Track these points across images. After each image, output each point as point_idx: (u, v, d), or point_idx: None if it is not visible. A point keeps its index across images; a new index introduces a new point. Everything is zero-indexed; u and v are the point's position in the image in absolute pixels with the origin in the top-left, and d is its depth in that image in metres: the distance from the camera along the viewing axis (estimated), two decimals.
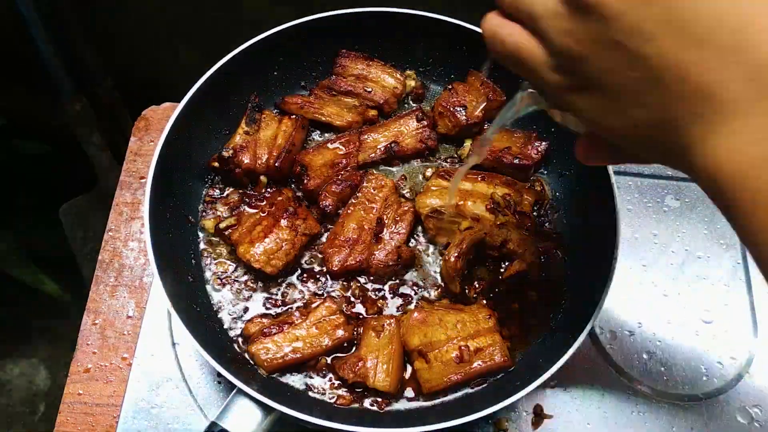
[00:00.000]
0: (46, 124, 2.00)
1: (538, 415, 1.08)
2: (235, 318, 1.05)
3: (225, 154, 1.12)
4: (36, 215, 2.05)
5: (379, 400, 1.00)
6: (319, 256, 1.11)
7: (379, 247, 1.09)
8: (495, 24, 0.60)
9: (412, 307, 1.07)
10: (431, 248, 1.13)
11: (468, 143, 1.21)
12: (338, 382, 1.01)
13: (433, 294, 1.09)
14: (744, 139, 0.47)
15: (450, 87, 1.20)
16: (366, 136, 1.19)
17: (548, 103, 0.65)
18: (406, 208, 1.13)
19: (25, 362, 2.24)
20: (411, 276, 1.10)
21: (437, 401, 1.00)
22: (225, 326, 1.05)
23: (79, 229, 1.92)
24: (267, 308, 1.06)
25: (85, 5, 1.63)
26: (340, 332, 1.02)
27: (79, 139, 1.83)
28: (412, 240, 1.14)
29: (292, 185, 1.17)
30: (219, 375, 1.08)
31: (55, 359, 2.25)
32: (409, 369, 1.02)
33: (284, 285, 1.08)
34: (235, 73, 1.15)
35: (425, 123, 1.20)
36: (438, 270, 1.11)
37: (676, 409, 1.10)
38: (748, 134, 0.46)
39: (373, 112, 1.23)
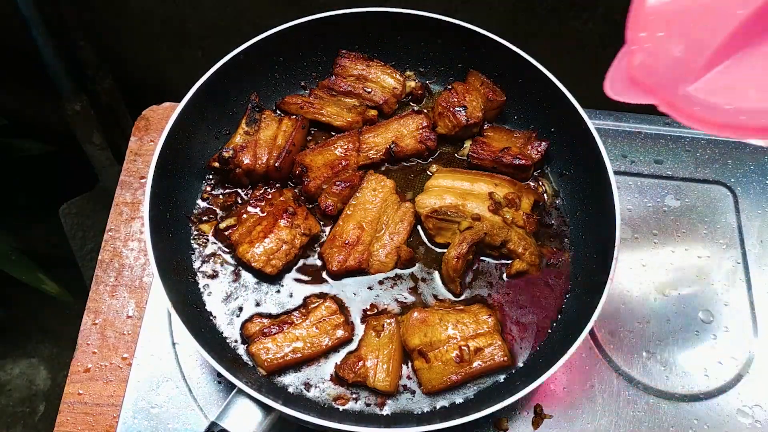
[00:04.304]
0: (46, 124, 2.00)
1: (538, 415, 1.08)
2: (234, 318, 1.05)
3: (225, 154, 1.12)
4: (36, 215, 2.05)
5: (379, 399, 1.00)
6: (319, 255, 1.11)
7: (379, 247, 1.09)
8: None
9: (412, 306, 1.07)
10: (431, 248, 1.13)
11: (468, 143, 1.21)
12: (338, 381, 1.01)
13: (432, 294, 1.09)
14: None
15: (450, 87, 1.20)
16: (366, 137, 1.19)
17: None
18: (406, 209, 1.13)
19: (25, 362, 2.24)
20: (410, 276, 1.10)
21: (437, 401, 1.00)
22: (225, 326, 1.05)
23: (79, 229, 1.92)
24: (267, 308, 1.06)
25: (85, 5, 1.63)
26: (340, 332, 1.02)
27: (79, 139, 1.83)
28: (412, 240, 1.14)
29: (293, 185, 1.17)
30: (219, 375, 1.08)
31: (55, 359, 2.25)
32: (409, 368, 1.02)
33: (284, 285, 1.08)
34: (235, 73, 1.15)
35: (425, 123, 1.20)
36: (438, 270, 1.11)
37: (676, 409, 1.10)
38: None
39: (373, 112, 1.23)
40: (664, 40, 0.61)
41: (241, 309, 1.06)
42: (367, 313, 1.07)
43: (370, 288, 1.09)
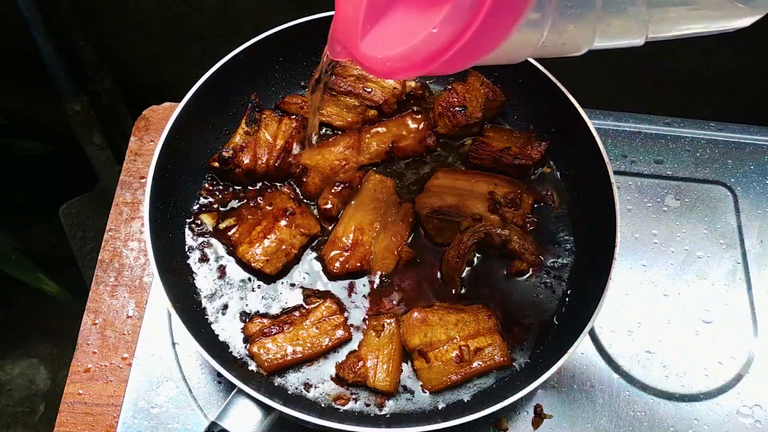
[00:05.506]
0: (46, 124, 2.01)
1: (538, 415, 1.08)
2: (235, 318, 1.05)
3: (225, 154, 1.12)
4: (36, 215, 2.05)
5: (379, 399, 1.00)
6: (320, 257, 1.10)
7: (380, 247, 1.09)
8: None
9: (412, 306, 1.07)
10: (431, 248, 1.13)
11: (468, 143, 1.21)
12: (338, 381, 1.01)
13: (433, 294, 1.09)
14: None
15: (450, 87, 1.20)
16: (366, 137, 1.19)
17: None
18: (405, 209, 1.13)
19: (25, 362, 2.24)
20: (411, 276, 1.10)
21: (437, 401, 1.00)
22: (225, 326, 1.05)
23: (79, 229, 1.92)
24: (267, 308, 1.06)
25: (85, 5, 1.63)
26: (340, 332, 1.02)
27: (79, 139, 1.83)
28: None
29: (292, 185, 1.17)
30: (219, 375, 1.08)
31: (55, 359, 2.25)
32: (409, 368, 1.02)
33: (284, 285, 1.08)
34: (235, 73, 1.15)
35: (425, 123, 1.20)
36: (438, 270, 1.11)
37: (676, 409, 1.10)
38: None
39: (373, 112, 1.23)
40: (342, 2, 0.71)
41: (240, 309, 1.06)
42: (368, 313, 1.07)
43: (370, 288, 1.09)
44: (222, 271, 1.09)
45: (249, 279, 1.08)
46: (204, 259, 1.10)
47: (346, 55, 0.74)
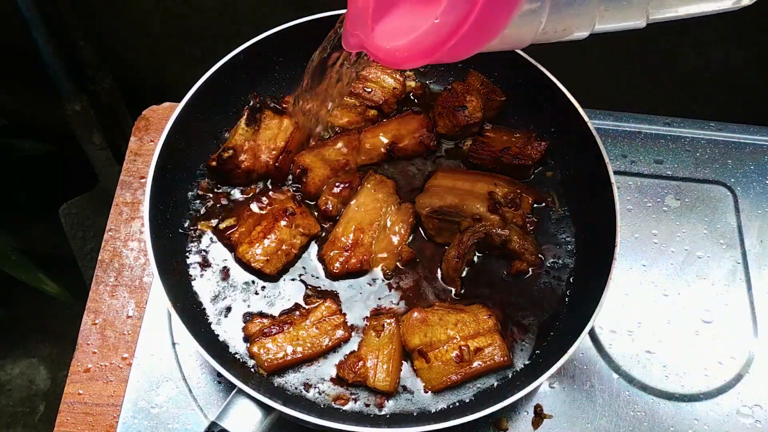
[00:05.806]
0: (46, 124, 2.01)
1: (538, 415, 1.08)
2: (235, 318, 1.05)
3: (225, 154, 1.12)
4: (36, 215, 2.05)
5: (379, 399, 1.00)
6: (320, 257, 1.11)
7: (380, 248, 1.09)
8: None
9: (412, 306, 1.07)
10: (431, 248, 1.13)
11: (468, 143, 1.21)
12: (337, 381, 1.01)
13: (433, 294, 1.09)
14: None
15: (449, 87, 1.20)
16: (366, 137, 1.19)
17: None
18: (405, 209, 1.13)
19: (25, 362, 2.24)
20: (411, 276, 1.10)
21: (437, 401, 1.00)
22: (225, 326, 1.05)
23: (79, 229, 1.92)
24: (267, 308, 1.06)
25: (85, 5, 1.63)
26: (340, 332, 1.02)
27: (79, 139, 1.83)
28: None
29: (292, 185, 1.17)
30: (219, 375, 1.08)
31: (55, 359, 2.25)
32: (409, 368, 1.02)
33: (284, 285, 1.08)
34: (235, 73, 1.15)
35: (425, 123, 1.20)
36: (438, 270, 1.11)
37: (676, 409, 1.10)
38: None
39: (373, 112, 1.23)
40: None
41: (241, 309, 1.06)
42: (368, 313, 1.06)
43: (370, 288, 1.09)
44: (225, 272, 1.09)
45: (252, 281, 1.08)
46: (205, 260, 1.10)
47: (358, 47, 0.77)
